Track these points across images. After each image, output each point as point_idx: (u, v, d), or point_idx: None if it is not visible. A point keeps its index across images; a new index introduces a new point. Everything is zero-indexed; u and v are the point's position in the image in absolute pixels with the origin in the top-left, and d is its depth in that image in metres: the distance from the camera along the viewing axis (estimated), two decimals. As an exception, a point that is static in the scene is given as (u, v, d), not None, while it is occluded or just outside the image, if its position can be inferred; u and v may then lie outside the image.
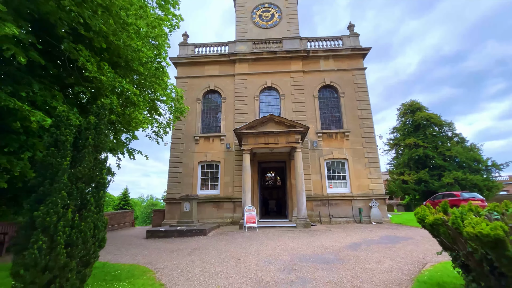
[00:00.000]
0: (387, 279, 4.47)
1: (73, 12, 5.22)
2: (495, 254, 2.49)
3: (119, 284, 4.25)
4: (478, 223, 2.56)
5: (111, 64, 6.64)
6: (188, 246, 8.09)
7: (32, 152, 5.29)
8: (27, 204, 3.18)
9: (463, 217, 2.93)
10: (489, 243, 2.44)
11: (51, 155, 3.27)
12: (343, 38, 17.45)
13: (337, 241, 8.33)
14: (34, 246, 2.81)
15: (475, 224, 2.57)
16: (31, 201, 3.19)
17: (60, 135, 3.37)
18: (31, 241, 2.87)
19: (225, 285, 4.42)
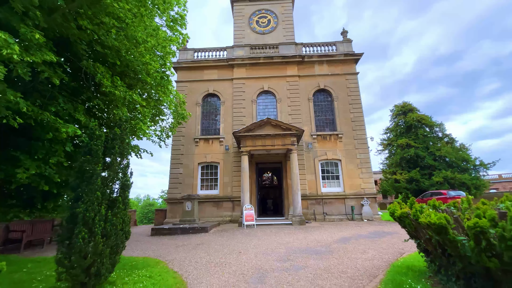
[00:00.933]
0: (368, 265, 5.23)
1: (89, 30, 5.87)
2: (441, 238, 3.24)
3: (139, 271, 4.93)
4: (429, 215, 3.31)
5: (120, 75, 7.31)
6: (192, 242, 8.78)
7: (56, 158, 5.92)
8: (68, 202, 3.85)
9: (422, 210, 3.68)
10: (436, 230, 3.20)
11: (87, 162, 3.95)
12: (336, 44, 18.24)
13: (329, 236, 9.09)
14: (78, 236, 3.49)
15: (427, 216, 3.32)
16: (71, 200, 3.86)
17: (93, 145, 4.04)
18: (75, 233, 3.55)
19: (230, 272, 5.13)
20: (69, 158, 7.35)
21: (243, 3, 19.85)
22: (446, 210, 3.83)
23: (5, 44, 3.35)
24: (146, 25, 5.84)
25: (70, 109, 5.53)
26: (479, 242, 2.88)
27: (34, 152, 5.47)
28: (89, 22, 5.66)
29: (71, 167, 7.86)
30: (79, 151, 7.29)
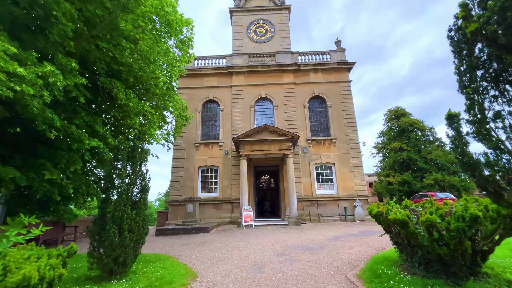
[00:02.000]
0: (353, 258, 6.02)
1: (105, 49, 6.62)
2: (405, 231, 4.05)
3: (154, 264, 5.66)
4: (395, 212, 4.12)
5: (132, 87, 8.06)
6: (195, 241, 9.49)
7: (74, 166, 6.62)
8: (99, 203, 4.60)
9: (392, 209, 4.49)
10: (400, 224, 4.00)
11: (114, 169, 4.70)
12: (330, 53, 19.18)
13: (322, 235, 9.87)
14: (110, 232, 4.23)
15: (394, 214, 4.13)
16: (101, 201, 4.61)
17: (119, 155, 4.80)
18: (107, 228, 4.29)
19: (232, 264, 5.89)
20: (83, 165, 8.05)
21: (241, 13, 20.74)
22: (410, 209, 4.66)
23: (52, 74, 4.08)
24: (159, 49, 6.62)
25: (90, 122, 6.26)
26: (431, 233, 3.69)
27: (57, 161, 6.17)
28: (107, 43, 6.43)
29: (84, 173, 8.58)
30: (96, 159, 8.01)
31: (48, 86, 4.45)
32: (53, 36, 4.61)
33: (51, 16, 4.39)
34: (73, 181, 7.16)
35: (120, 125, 8.32)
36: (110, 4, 5.91)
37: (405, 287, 3.76)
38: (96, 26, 6.09)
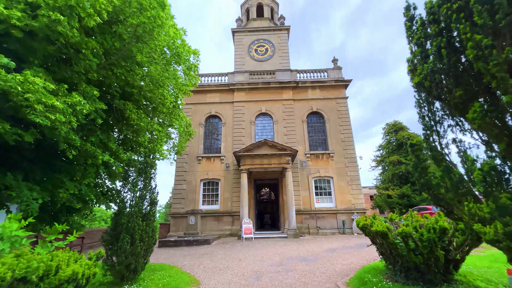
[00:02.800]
0: (345, 268, 6.45)
1: (118, 73, 7.37)
2: (386, 242, 4.55)
3: (159, 272, 6.11)
4: (378, 225, 4.64)
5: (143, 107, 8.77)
6: (197, 252, 9.89)
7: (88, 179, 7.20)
8: (113, 214, 5.15)
9: (376, 222, 5.00)
10: (381, 235, 4.51)
11: (126, 184, 5.28)
12: (328, 71, 20.11)
13: (319, 247, 10.24)
14: (124, 241, 4.76)
15: (376, 226, 4.65)
16: (115, 213, 5.16)
17: (131, 171, 5.40)
18: (121, 238, 4.82)
19: (232, 273, 6.32)
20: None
21: (243, 33, 21.93)
22: (391, 222, 5.18)
23: (79, 103, 4.74)
24: (168, 75, 7.37)
25: (105, 139, 6.90)
26: (407, 243, 4.21)
27: (73, 174, 6.77)
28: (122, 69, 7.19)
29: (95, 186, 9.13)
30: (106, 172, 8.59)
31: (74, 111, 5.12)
32: (79, 68, 5.32)
33: (80, 53, 5.13)
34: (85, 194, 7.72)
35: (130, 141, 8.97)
36: (126, 36, 6.71)
37: (386, 291, 4.22)
38: (113, 55, 6.86)
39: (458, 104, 2.29)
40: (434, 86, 2.43)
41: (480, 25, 1.94)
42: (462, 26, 2.08)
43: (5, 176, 5.52)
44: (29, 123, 4.94)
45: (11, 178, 5.54)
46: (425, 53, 2.55)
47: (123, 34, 6.65)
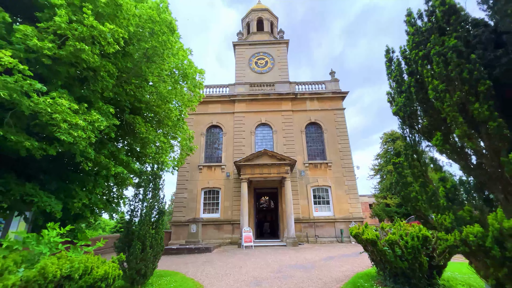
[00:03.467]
0: (340, 275, 6.83)
1: (129, 89, 7.92)
2: (375, 249, 4.98)
3: (165, 278, 6.48)
4: (368, 233, 5.08)
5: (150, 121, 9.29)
6: (199, 260, 10.21)
7: (99, 189, 7.65)
8: (125, 223, 5.58)
9: (366, 230, 5.44)
10: (371, 243, 4.95)
11: (138, 193, 5.73)
12: (325, 83, 20.82)
13: (317, 255, 10.58)
14: (136, 247, 5.17)
15: (366, 234, 5.09)
16: (126, 221, 5.59)
17: (142, 182, 5.86)
18: (133, 244, 5.23)
19: (234, 279, 6.69)
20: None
21: (243, 47, 22.77)
22: (381, 230, 5.62)
23: (98, 120, 5.26)
24: (175, 91, 7.93)
25: (116, 151, 7.38)
26: (393, 250, 4.65)
27: (84, 184, 7.22)
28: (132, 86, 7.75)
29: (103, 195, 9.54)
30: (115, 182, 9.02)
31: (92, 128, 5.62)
32: (97, 87, 5.86)
33: (98, 75, 5.67)
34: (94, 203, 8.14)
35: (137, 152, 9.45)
36: (136, 56, 7.30)
37: (375, 295, 4.63)
38: (125, 74, 7.43)
39: (426, 132, 2.79)
40: (407, 116, 2.94)
41: (438, 72, 2.46)
42: (425, 71, 2.59)
43: (24, 186, 5.97)
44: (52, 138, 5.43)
45: (30, 187, 6.00)
46: (400, 89, 3.07)
47: (134, 54, 7.24)
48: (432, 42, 2.51)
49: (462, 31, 2.51)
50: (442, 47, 2.43)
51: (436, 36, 2.52)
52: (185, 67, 7.70)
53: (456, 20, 2.46)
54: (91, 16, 4.80)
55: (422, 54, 2.68)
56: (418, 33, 2.72)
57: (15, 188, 5.69)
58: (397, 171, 3.78)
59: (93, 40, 5.05)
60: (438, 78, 2.45)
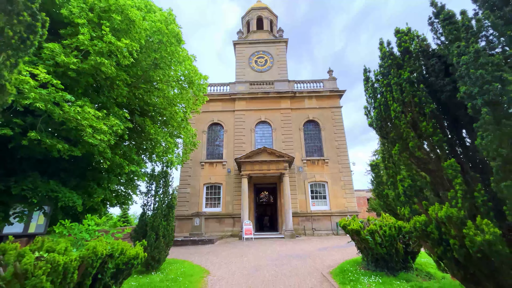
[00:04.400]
0: (331, 263, 7.62)
1: (139, 94, 8.59)
2: (359, 237, 5.74)
3: (175, 265, 7.26)
4: (353, 224, 5.83)
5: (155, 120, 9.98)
6: (203, 251, 11.03)
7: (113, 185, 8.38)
8: (140, 216, 6.34)
9: (352, 222, 6.20)
10: (355, 232, 5.70)
11: (150, 190, 6.47)
12: (323, 81, 21.40)
13: (312, 246, 11.41)
14: (150, 237, 5.94)
15: (351, 225, 5.84)
16: (140, 214, 6.35)
17: (155, 178, 6.59)
18: (148, 234, 5.99)
19: (236, 266, 7.49)
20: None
21: (244, 45, 23.25)
22: (365, 222, 6.38)
23: (116, 125, 5.95)
24: (181, 96, 8.60)
25: (128, 151, 8.10)
26: (374, 238, 5.41)
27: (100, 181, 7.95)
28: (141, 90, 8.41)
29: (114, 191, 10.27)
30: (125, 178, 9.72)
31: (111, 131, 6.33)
32: (112, 94, 6.53)
33: (114, 83, 6.33)
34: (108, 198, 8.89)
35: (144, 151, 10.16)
36: (145, 63, 7.95)
37: (358, 276, 5.41)
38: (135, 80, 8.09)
39: (392, 141, 3.48)
40: (378, 128, 3.62)
41: (396, 97, 3.13)
42: (388, 95, 3.27)
43: (49, 183, 6.71)
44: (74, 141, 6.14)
45: (54, 184, 6.74)
46: (374, 105, 3.75)
47: (142, 62, 7.88)
48: (392, 75, 3.19)
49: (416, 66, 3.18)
50: (399, 79, 3.09)
51: (394, 70, 3.19)
52: (191, 75, 8.36)
53: (409, 58, 3.13)
54: (109, 33, 5.44)
55: (386, 83, 3.35)
56: (384, 66, 3.40)
57: (41, 186, 6.42)
58: (374, 171, 4.50)
59: (111, 53, 5.70)
60: (397, 102, 3.12)
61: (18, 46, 2.04)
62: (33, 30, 2.13)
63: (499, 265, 2.31)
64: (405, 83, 3.02)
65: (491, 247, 2.23)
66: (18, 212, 6.86)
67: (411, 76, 3.02)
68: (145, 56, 7.69)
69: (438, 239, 2.88)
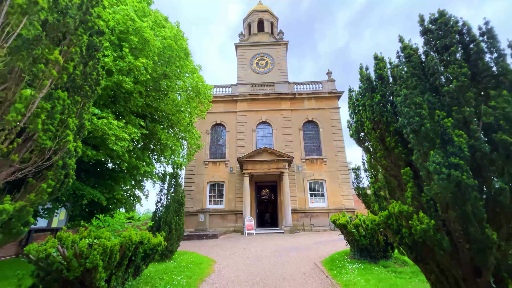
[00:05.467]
0: (324, 253, 8.49)
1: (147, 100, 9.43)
2: (346, 231, 6.58)
3: (184, 255, 8.16)
4: (341, 219, 6.68)
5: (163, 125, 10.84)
6: (208, 244, 11.95)
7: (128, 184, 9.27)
8: (153, 212, 7.22)
9: (341, 217, 7.04)
10: (343, 226, 6.55)
11: (163, 188, 7.35)
12: (322, 83, 22.11)
13: (309, 240, 12.29)
14: (164, 229, 6.81)
15: (340, 219, 6.69)
16: (154, 211, 7.23)
17: (166, 178, 7.46)
18: (161, 228, 6.87)
19: (239, 257, 8.38)
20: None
21: (245, 48, 23.97)
22: (356, 217, 7.22)
23: (134, 133, 6.80)
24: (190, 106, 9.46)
25: (140, 154, 8.98)
26: (358, 230, 6.25)
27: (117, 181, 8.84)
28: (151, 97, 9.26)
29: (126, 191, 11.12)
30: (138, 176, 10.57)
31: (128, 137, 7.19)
32: (129, 105, 7.39)
33: (132, 96, 7.17)
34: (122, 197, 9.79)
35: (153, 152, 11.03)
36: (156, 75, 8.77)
37: (345, 264, 6.27)
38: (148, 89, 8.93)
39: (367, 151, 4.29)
40: (357, 140, 4.43)
41: (368, 116, 3.93)
42: (363, 113, 4.07)
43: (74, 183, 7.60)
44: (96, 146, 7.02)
45: (78, 183, 7.64)
46: (354, 119, 4.55)
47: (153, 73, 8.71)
48: (367, 96, 3.98)
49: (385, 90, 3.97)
50: (372, 101, 3.89)
51: (369, 93, 3.99)
52: (199, 86, 9.19)
53: (381, 83, 3.93)
54: (129, 54, 6.27)
55: (362, 102, 4.15)
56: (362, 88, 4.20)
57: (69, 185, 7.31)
58: (355, 173, 5.32)
59: (130, 71, 6.53)
60: (369, 120, 3.92)
61: (90, 95, 2.87)
62: (98, 83, 2.97)
63: (433, 248, 3.15)
64: (376, 105, 3.81)
65: (426, 233, 3.06)
66: (46, 208, 7.77)
67: (382, 99, 3.81)
68: (156, 68, 8.52)
69: (396, 229, 3.71)
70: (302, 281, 5.53)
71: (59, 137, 2.53)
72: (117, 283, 3.74)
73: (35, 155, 2.39)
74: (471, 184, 2.75)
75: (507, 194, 2.79)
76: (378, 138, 3.90)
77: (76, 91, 2.86)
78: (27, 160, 2.38)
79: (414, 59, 3.56)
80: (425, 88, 3.40)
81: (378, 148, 3.88)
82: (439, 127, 2.91)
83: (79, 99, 2.77)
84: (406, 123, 3.11)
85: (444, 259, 3.27)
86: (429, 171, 2.91)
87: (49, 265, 3.35)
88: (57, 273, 3.42)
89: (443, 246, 3.12)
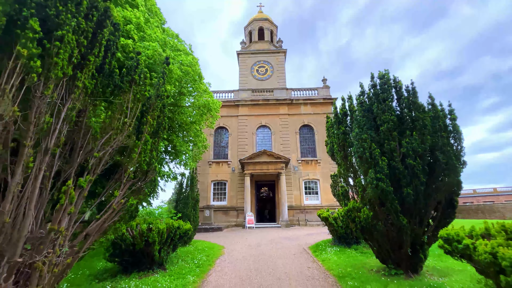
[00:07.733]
0: (312, 242, 10.34)
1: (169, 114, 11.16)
2: (328, 224, 8.41)
3: (198, 242, 9.97)
4: (324, 213, 8.49)
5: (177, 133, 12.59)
6: (214, 235, 13.79)
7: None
8: (174, 207, 9.03)
9: (324, 212, 8.85)
10: (325, 219, 8.37)
11: (182, 190, 9.15)
12: (318, 89, 23.84)
13: (302, 232, 14.15)
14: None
15: (323, 214, 8.50)
16: (173, 207, 9.04)
17: (184, 180, 9.26)
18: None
19: (242, 244, 10.21)
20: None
21: (246, 55, 25.61)
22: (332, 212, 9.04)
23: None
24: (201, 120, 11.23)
25: (161, 160, 10.74)
26: (336, 222, 8.08)
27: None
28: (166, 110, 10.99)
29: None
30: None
31: (151, 147, 8.94)
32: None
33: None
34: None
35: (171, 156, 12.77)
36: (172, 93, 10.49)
37: (326, 248, 8.10)
38: (165, 104, 10.65)
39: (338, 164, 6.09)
40: (331, 155, 6.21)
41: (335, 141, 5.72)
42: (333, 139, 5.85)
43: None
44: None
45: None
46: (328, 141, 6.32)
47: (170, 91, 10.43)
48: (335, 128, 5.76)
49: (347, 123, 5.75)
50: (338, 131, 5.66)
51: (336, 125, 5.77)
52: (210, 105, 10.95)
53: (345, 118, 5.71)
54: (158, 83, 8.01)
55: (331, 132, 5.93)
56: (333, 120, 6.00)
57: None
58: (333, 179, 7.12)
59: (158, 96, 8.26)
60: (336, 144, 5.68)
61: (161, 136, 4.65)
62: (163, 126, 4.75)
63: (373, 230, 4.96)
64: (341, 134, 5.58)
65: (366, 221, 4.88)
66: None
67: (346, 129, 5.57)
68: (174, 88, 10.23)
69: (353, 218, 5.53)
70: (292, 258, 7.36)
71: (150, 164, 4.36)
72: (164, 254, 5.54)
73: (139, 174, 4.21)
74: (389, 190, 4.54)
75: (411, 196, 4.60)
76: (342, 157, 5.69)
77: (155, 134, 4.68)
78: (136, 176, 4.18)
79: (365, 105, 5.34)
80: (371, 125, 5.19)
81: (342, 164, 5.67)
82: (372, 155, 4.70)
83: (156, 139, 4.55)
84: (355, 151, 4.89)
85: (379, 237, 5.10)
86: (367, 183, 4.70)
87: (123, 240, 5.15)
88: (126, 245, 5.22)
89: (377, 228, 4.94)
